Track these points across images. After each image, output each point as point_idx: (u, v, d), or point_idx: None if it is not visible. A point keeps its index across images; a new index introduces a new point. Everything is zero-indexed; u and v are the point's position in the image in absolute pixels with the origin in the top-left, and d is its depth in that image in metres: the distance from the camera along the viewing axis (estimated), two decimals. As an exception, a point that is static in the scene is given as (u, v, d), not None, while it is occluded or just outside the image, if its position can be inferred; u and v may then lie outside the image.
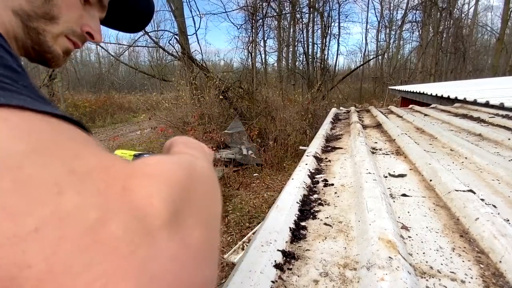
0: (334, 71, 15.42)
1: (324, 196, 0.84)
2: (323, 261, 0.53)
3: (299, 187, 0.84)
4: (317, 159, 1.21)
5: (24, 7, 0.37)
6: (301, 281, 0.48)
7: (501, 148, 1.22)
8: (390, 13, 18.69)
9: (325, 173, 1.06)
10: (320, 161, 1.22)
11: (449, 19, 14.98)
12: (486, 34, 20.64)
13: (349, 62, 26.59)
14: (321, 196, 0.84)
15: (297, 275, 0.49)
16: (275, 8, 13.51)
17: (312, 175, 1.02)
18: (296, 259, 0.54)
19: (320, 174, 1.05)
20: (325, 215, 0.72)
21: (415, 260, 0.52)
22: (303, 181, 0.90)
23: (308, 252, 0.56)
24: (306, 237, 0.62)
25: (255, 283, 0.44)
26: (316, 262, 0.52)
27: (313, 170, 1.07)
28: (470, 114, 2.08)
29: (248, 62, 10.91)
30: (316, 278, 0.48)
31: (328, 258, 0.54)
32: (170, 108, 6.67)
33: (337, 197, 0.83)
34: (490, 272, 0.48)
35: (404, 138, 1.39)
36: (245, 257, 0.50)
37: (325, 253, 0.55)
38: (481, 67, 17.63)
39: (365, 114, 2.78)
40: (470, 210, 0.64)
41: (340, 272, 0.49)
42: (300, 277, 0.49)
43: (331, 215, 0.72)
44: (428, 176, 0.91)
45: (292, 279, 0.48)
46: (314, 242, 0.60)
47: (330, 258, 0.53)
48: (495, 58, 12.73)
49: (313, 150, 1.30)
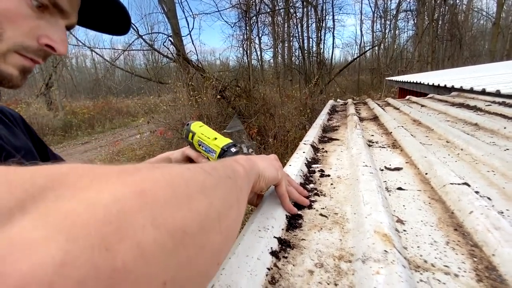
0: (330, 65, 15.37)
1: (320, 186, 0.85)
2: (318, 251, 0.53)
3: (296, 175, 0.85)
4: (314, 148, 1.22)
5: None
6: (296, 271, 0.48)
7: (497, 137, 1.23)
8: (385, 3, 18.56)
9: (322, 163, 1.07)
10: (317, 150, 1.22)
11: (444, 6, 14.88)
12: (482, 19, 20.49)
13: (345, 54, 26.48)
14: (317, 186, 0.85)
15: (292, 264, 0.49)
16: (268, 4, 13.43)
17: (309, 164, 1.02)
18: (291, 247, 0.54)
19: (317, 164, 1.06)
20: (321, 205, 0.72)
21: (410, 254, 0.53)
22: (300, 169, 0.91)
23: (303, 241, 0.56)
24: (301, 226, 0.62)
25: (252, 269, 0.44)
26: (312, 253, 0.53)
27: (310, 159, 1.07)
28: (466, 103, 2.08)
29: (244, 60, 10.88)
30: (311, 269, 0.48)
31: (323, 249, 0.54)
32: (168, 110, 6.68)
33: (333, 188, 0.83)
34: (483, 266, 0.48)
35: (400, 131, 1.39)
36: (241, 241, 0.50)
37: (320, 244, 0.55)
38: (478, 52, 17.53)
39: (362, 106, 2.78)
40: (464, 203, 0.64)
41: (335, 264, 0.49)
42: (295, 266, 0.49)
43: (327, 206, 0.72)
44: (423, 169, 0.92)
45: (288, 268, 0.48)
46: (310, 232, 0.60)
47: (325, 249, 0.54)
48: (492, 43, 12.65)
49: (311, 139, 1.30)
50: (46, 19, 0.38)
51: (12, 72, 0.37)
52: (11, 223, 0.13)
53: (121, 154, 7.04)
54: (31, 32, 0.37)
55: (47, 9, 0.38)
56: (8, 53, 0.36)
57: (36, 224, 0.13)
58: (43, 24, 0.38)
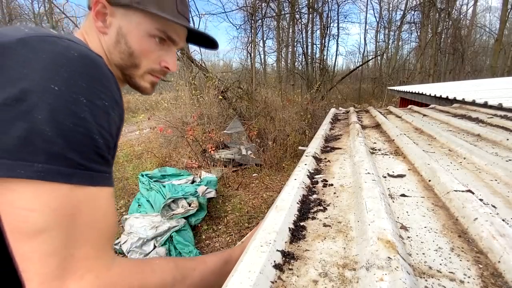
0: (333, 72, 15.45)
1: (324, 196, 0.84)
2: (322, 261, 0.53)
3: (298, 187, 0.84)
4: (316, 159, 1.21)
5: (120, 62, 0.55)
6: (300, 281, 0.47)
7: (499, 148, 1.23)
8: (389, 14, 18.75)
9: (324, 173, 1.06)
10: (319, 161, 1.22)
11: (448, 20, 15.04)
12: (484, 35, 20.73)
13: (348, 62, 26.65)
14: (320, 197, 0.84)
15: (296, 275, 0.49)
16: (274, 9, 13.52)
17: (311, 175, 1.02)
18: (295, 259, 0.54)
19: (320, 174, 1.05)
20: (324, 215, 0.72)
21: (414, 260, 0.52)
22: (302, 181, 0.90)
23: (307, 252, 0.56)
24: (305, 237, 0.62)
25: (255, 284, 0.43)
26: (316, 262, 0.52)
27: (312, 170, 1.07)
28: (468, 115, 2.08)
29: (247, 62, 10.91)
30: (315, 279, 0.48)
31: (328, 258, 0.53)
32: (169, 108, 6.67)
33: (336, 197, 0.83)
34: (488, 272, 0.48)
35: (403, 138, 1.39)
36: (244, 257, 0.50)
37: (324, 254, 0.55)
38: (480, 67, 17.69)
39: (364, 114, 2.79)
40: (469, 210, 0.64)
41: (339, 272, 0.49)
42: (299, 277, 0.48)
43: (330, 216, 0.71)
44: (427, 176, 0.91)
45: (292, 280, 0.48)
46: (314, 243, 0.59)
47: (329, 258, 0.53)
48: (494, 59, 12.77)
49: (312, 151, 1.29)
50: (164, 48, 0.58)
51: (146, 85, 0.60)
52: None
53: (119, 149, 7.01)
54: (156, 60, 0.57)
55: (165, 41, 0.57)
56: (144, 74, 0.58)
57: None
58: (163, 52, 0.58)
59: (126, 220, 3.01)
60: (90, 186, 0.38)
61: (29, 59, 0.36)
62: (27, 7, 13.68)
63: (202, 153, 5.49)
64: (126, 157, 6.37)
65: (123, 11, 0.53)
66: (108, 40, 0.54)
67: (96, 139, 0.38)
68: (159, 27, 0.54)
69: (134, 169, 5.57)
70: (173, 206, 3.14)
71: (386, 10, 18.58)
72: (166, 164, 5.55)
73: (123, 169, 5.66)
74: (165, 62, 0.58)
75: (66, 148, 0.35)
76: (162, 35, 0.56)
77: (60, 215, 0.35)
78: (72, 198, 0.36)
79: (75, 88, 0.37)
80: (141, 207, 3.32)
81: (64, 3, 11.30)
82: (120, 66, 0.56)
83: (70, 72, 0.37)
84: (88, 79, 0.39)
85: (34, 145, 0.34)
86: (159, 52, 0.57)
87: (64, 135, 0.35)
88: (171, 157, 5.94)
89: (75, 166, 0.36)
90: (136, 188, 4.42)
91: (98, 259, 0.38)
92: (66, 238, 0.35)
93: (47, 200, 0.34)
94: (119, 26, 0.53)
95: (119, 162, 6.06)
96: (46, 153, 0.34)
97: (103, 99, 0.40)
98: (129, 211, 3.41)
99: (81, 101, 0.37)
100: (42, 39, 0.38)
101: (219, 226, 3.62)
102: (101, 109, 0.39)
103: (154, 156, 5.91)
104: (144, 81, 0.59)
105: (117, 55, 0.54)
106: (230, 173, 5.05)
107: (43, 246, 0.34)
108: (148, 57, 0.56)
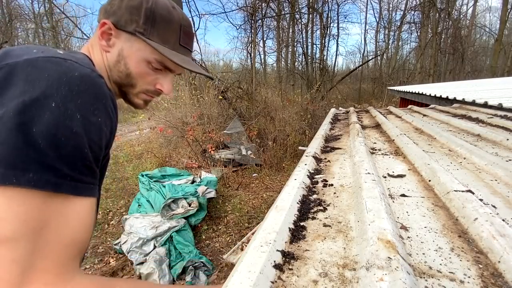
0: (333, 72, 15.45)
1: (324, 196, 0.84)
2: (322, 261, 0.53)
3: (298, 188, 0.84)
4: (316, 160, 1.21)
5: (118, 80, 0.60)
6: (300, 281, 0.47)
7: (499, 148, 1.23)
8: (389, 14, 18.74)
9: (324, 173, 1.06)
10: (319, 161, 1.22)
11: (448, 20, 15.03)
12: (484, 35, 20.72)
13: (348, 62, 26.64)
14: (320, 197, 0.84)
15: (296, 275, 0.49)
16: (274, 9, 13.51)
17: (311, 175, 1.02)
18: (295, 259, 0.54)
19: (320, 174, 1.05)
20: (325, 215, 0.72)
21: (414, 260, 0.52)
22: (302, 181, 0.90)
23: (307, 252, 0.56)
24: (305, 237, 0.62)
25: (255, 284, 0.43)
26: (316, 263, 0.52)
27: (313, 171, 1.07)
28: (468, 115, 2.08)
29: (247, 63, 10.91)
30: (315, 279, 0.48)
31: (328, 258, 0.53)
32: (169, 108, 6.66)
33: (336, 197, 0.83)
34: (489, 272, 0.48)
35: (403, 138, 1.39)
36: (244, 258, 0.50)
37: (324, 254, 0.55)
38: (480, 68, 17.69)
39: (364, 114, 2.79)
40: (469, 210, 0.64)
41: (339, 272, 0.49)
42: (299, 277, 0.48)
43: (330, 216, 0.72)
44: (427, 176, 0.91)
45: (292, 280, 0.48)
46: (314, 243, 0.59)
47: (329, 259, 0.53)
48: (494, 59, 12.77)
49: (312, 151, 1.29)
50: (161, 73, 0.62)
51: (140, 102, 0.64)
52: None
53: (119, 149, 7.01)
54: (152, 82, 0.62)
55: (160, 70, 0.61)
56: (138, 93, 0.63)
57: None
58: (159, 76, 0.62)
59: (126, 220, 3.01)
60: (74, 195, 0.41)
61: (33, 77, 0.40)
62: (27, 7, 13.68)
63: (202, 153, 5.49)
64: (126, 157, 6.37)
65: (127, 36, 0.57)
66: (110, 58, 0.58)
67: (86, 152, 0.42)
68: (157, 58, 0.59)
69: (134, 169, 5.56)
70: (173, 206, 3.14)
71: (386, 10, 18.59)
72: (166, 164, 5.55)
73: (123, 169, 5.65)
74: (160, 85, 0.62)
75: (56, 159, 0.38)
76: (159, 66, 0.60)
77: (28, 227, 0.37)
78: (44, 211, 0.38)
79: (71, 105, 0.40)
80: (141, 207, 3.32)
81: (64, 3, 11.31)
82: (118, 83, 0.61)
83: (69, 91, 0.40)
84: (85, 97, 0.42)
85: (27, 155, 0.36)
86: (156, 75, 0.61)
87: (56, 147, 0.38)
88: (171, 157, 5.93)
89: (63, 176, 0.39)
90: (136, 188, 4.42)
91: (58, 274, 0.40)
92: (32, 248, 0.37)
93: (17, 211, 0.36)
94: (121, 48, 0.57)
95: (119, 162, 6.06)
96: (37, 163, 0.37)
97: (98, 116, 0.43)
98: (129, 211, 3.41)
99: (76, 117, 0.40)
100: (48, 60, 0.42)
101: (219, 226, 3.62)
102: (94, 125, 0.43)
103: (154, 156, 5.91)
104: (138, 99, 0.64)
105: (116, 73, 0.59)
106: (230, 173, 5.05)
107: (8, 253, 0.36)
108: (144, 79, 0.60)
